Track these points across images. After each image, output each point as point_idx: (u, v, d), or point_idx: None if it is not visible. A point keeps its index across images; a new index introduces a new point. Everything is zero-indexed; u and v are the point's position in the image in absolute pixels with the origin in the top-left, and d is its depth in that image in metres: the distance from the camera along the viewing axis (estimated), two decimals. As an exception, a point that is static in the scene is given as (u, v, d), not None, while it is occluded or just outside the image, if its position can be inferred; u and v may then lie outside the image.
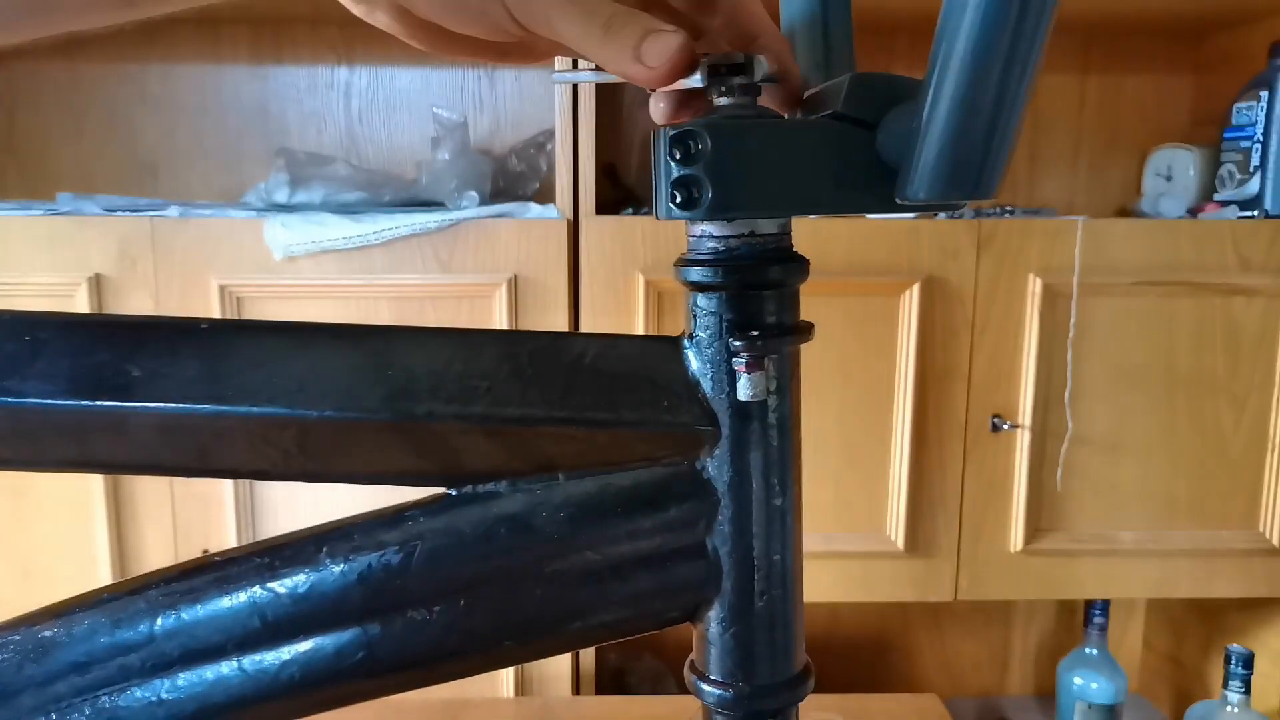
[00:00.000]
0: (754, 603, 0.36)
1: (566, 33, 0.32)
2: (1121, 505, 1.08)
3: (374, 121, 1.28)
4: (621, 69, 0.32)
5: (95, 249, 0.99)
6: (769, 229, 0.35)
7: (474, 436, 0.35)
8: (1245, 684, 0.99)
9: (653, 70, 0.31)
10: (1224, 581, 1.09)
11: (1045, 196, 1.34)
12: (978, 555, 1.08)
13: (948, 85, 0.27)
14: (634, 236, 1.01)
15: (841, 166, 0.32)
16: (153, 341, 0.34)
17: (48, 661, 0.35)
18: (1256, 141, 1.08)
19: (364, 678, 0.35)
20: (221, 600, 0.35)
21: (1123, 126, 1.32)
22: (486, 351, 0.36)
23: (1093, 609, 1.21)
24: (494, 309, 1.01)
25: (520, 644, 0.36)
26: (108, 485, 1.03)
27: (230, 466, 0.35)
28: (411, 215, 0.99)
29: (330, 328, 0.36)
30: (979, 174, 0.28)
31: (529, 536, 0.35)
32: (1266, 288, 1.04)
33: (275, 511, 1.05)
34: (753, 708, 0.37)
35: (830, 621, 1.43)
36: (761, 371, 0.35)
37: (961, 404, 1.05)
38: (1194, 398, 1.06)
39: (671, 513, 0.36)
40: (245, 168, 1.28)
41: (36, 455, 0.35)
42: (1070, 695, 1.20)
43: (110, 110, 1.27)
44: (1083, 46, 1.30)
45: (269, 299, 1.01)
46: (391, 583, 0.35)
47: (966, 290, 1.03)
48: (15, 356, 0.33)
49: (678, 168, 0.31)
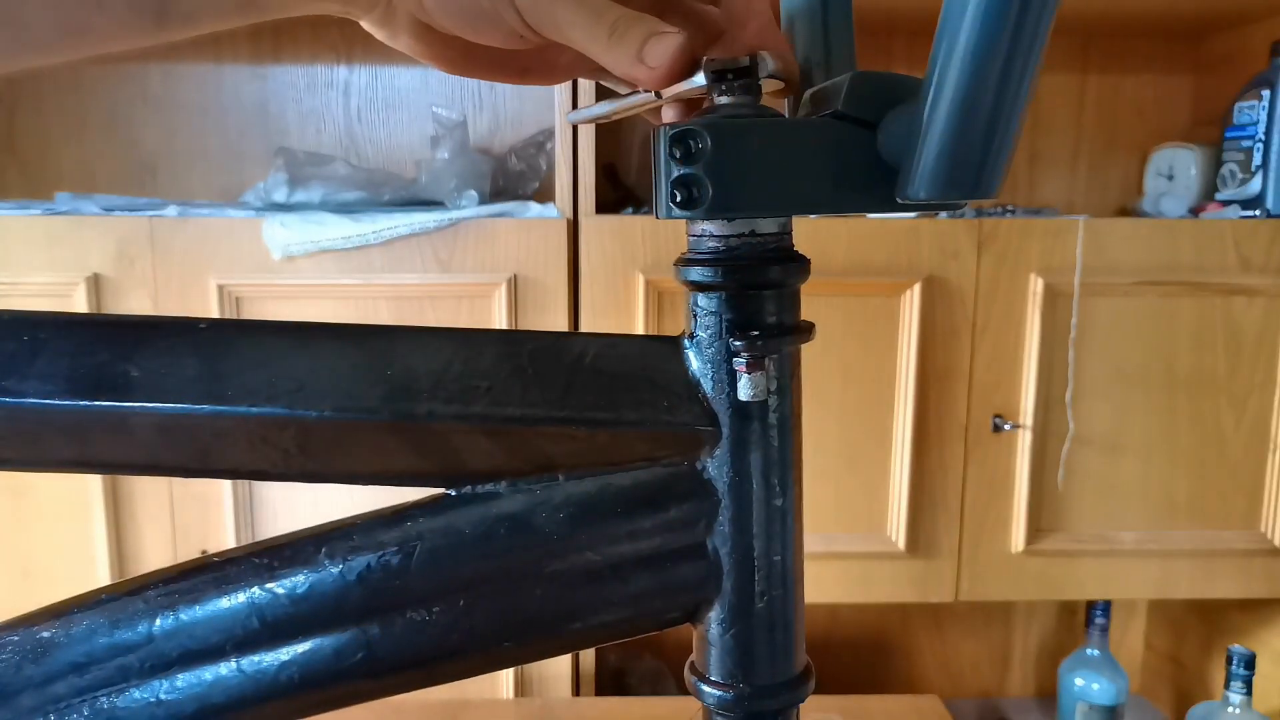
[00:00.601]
0: (754, 603, 0.36)
1: (574, 36, 0.32)
2: (1122, 506, 1.08)
3: (373, 121, 1.28)
4: (625, 71, 0.32)
5: (94, 249, 0.99)
6: (769, 228, 0.35)
7: (474, 436, 0.35)
8: (1247, 685, 0.99)
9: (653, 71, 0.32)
10: (1225, 582, 1.09)
11: (1046, 196, 1.34)
12: (978, 556, 1.08)
13: (948, 85, 0.27)
14: (634, 236, 1.01)
15: (842, 166, 0.32)
16: (152, 341, 0.34)
17: (46, 662, 0.35)
18: (1258, 141, 1.08)
19: (363, 678, 0.35)
20: (220, 601, 0.35)
21: (1123, 126, 1.32)
22: (486, 351, 0.36)
23: (1094, 610, 1.21)
24: (493, 309, 1.01)
25: (520, 644, 0.36)
26: (107, 486, 1.02)
27: (230, 467, 0.35)
28: (411, 215, 0.99)
29: (330, 327, 0.36)
30: (979, 174, 0.28)
31: (529, 537, 0.35)
32: (1267, 288, 1.03)
33: (275, 512, 1.05)
34: (753, 709, 0.37)
35: (830, 622, 1.42)
36: (762, 371, 0.34)
37: (962, 404, 1.05)
38: (1195, 398, 1.06)
39: (672, 513, 0.36)
40: (244, 167, 1.27)
41: (36, 455, 0.35)
42: (1071, 696, 1.20)
43: (110, 110, 1.27)
44: (1083, 46, 1.30)
45: (268, 299, 1.01)
46: (391, 583, 0.35)
47: (967, 290, 1.03)
48: (14, 356, 0.33)
49: (678, 167, 0.31)
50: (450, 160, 1.07)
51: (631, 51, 0.32)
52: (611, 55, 0.32)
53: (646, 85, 0.33)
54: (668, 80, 0.32)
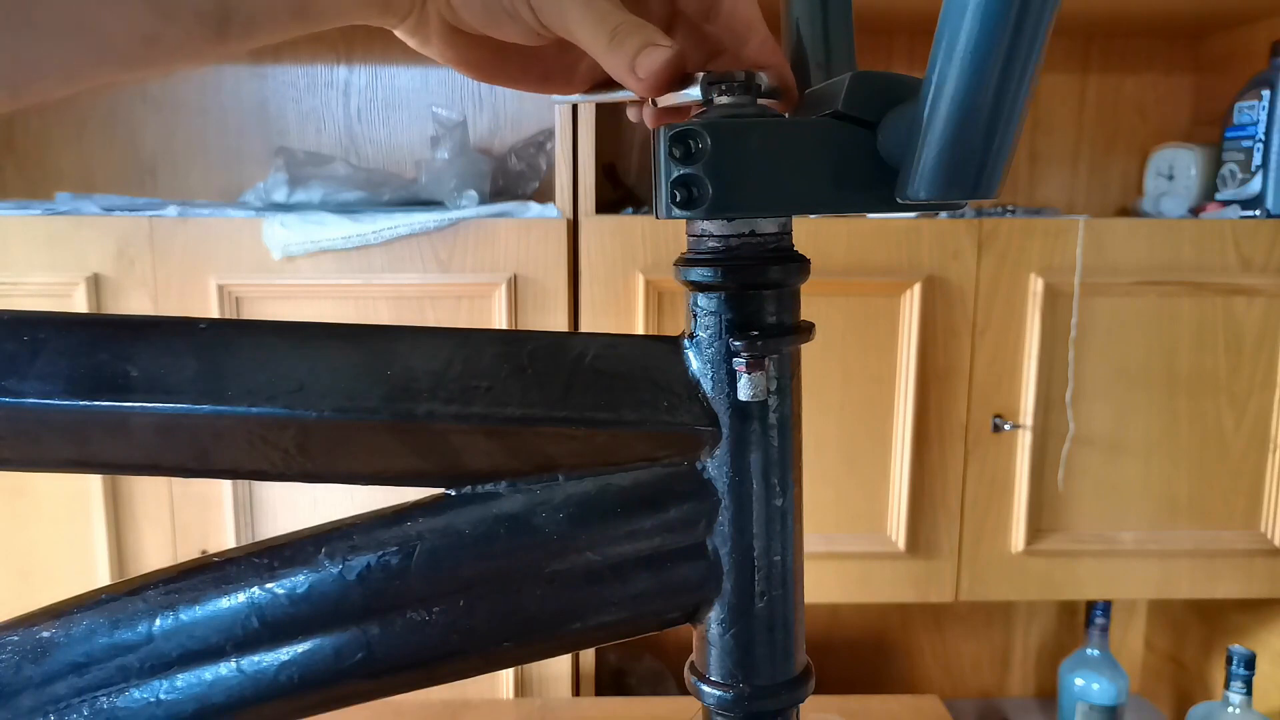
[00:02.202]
0: (754, 603, 0.36)
1: (579, 35, 0.34)
2: (1122, 506, 1.08)
3: (373, 121, 1.28)
4: (621, 76, 0.34)
5: (94, 249, 0.99)
6: (769, 228, 0.35)
7: (474, 436, 0.35)
8: (1247, 685, 0.99)
9: (642, 81, 0.33)
10: (1225, 582, 1.09)
11: (1046, 196, 1.34)
12: (979, 556, 1.08)
13: (948, 85, 0.27)
14: (634, 236, 1.01)
15: (842, 166, 0.32)
16: (152, 341, 0.34)
17: (46, 662, 0.35)
18: (1258, 141, 1.08)
19: (363, 678, 0.35)
20: (220, 601, 0.35)
21: (1123, 126, 1.32)
22: (486, 351, 0.36)
23: (1094, 610, 1.21)
24: (493, 309, 1.01)
25: (520, 644, 0.36)
26: (106, 486, 1.02)
27: (230, 467, 0.35)
28: (411, 215, 0.99)
29: (330, 328, 0.36)
30: (980, 173, 0.28)
31: (529, 537, 0.35)
32: (1268, 287, 1.03)
33: (274, 512, 1.05)
34: (753, 709, 0.37)
35: (830, 622, 1.42)
36: (762, 371, 0.34)
37: (963, 404, 1.05)
38: (1195, 398, 1.06)
39: (671, 513, 0.36)
40: (244, 167, 1.27)
41: (36, 455, 0.35)
42: (1071, 696, 1.20)
43: (110, 110, 1.27)
44: (1083, 46, 1.30)
45: (268, 299, 1.01)
46: (391, 583, 0.35)
47: (968, 290, 1.03)
48: (14, 356, 0.33)
49: (678, 167, 0.31)
50: (450, 160, 1.07)
51: (627, 58, 0.33)
52: (610, 58, 0.33)
53: (638, 91, 0.34)
54: (657, 90, 0.33)
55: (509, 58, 0.39)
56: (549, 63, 0.40)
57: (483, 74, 0.39)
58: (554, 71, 0.40)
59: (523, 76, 0.40)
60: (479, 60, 0.39)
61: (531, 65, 0.40)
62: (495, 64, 0.39)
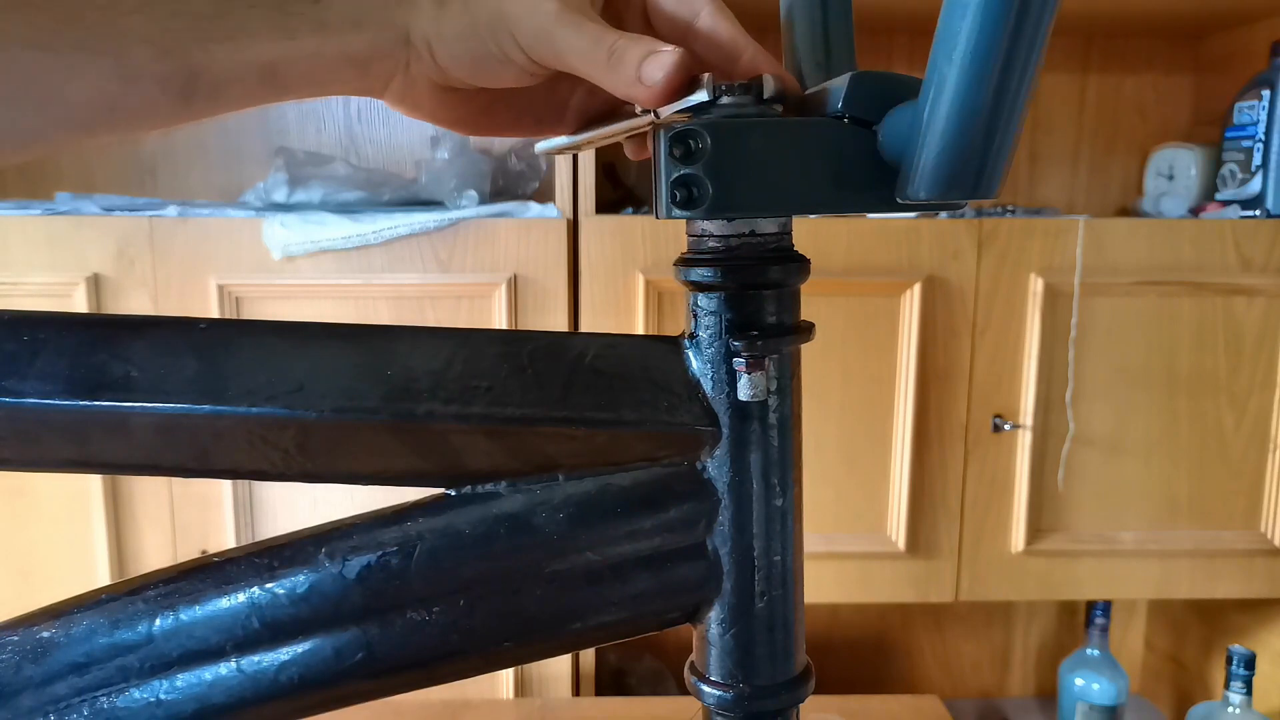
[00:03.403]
0: (754, 603, 0.36)
1: (575, 62, 0.33)
2: (1122, 506, 1.08)
3: (373, 120, 1.28)
4: (625, 91, 0.33)
5: (94, 248, 0.99)
6: (769, 228, 0.35)
7: (474, 436, 0.35)
8: (1247, 685, 0.99)
9: (651, 89, 0.32)
10: (1225, 582, 1.09)
11: (1046, 196, 1.34)
12: (979, 556, 1.08)
13: (948, 85, 0.27)
14: (634, 236, 1.01)
15: (842, 166, 0.32)
16: (152, 341, 0.34)
17: (46, 662, 0.35)
18: (1258, 141, 1.08)
19: (363, 678, 0.35)
20: (220, 601, 0.35)
21: (1123, 126, 1.32)
22: (486, 351, 0.36)
23: (1094, 610, 1.21)
24: (493, 309, 1.01)
25: (520, 644, 0.36)
26: (106, 486, 1.02)
27: (230, 467, 0.35)
28: (411, 215, 0.99)
29: (330, 328, 0.36)
30: (980, 173, 0.28)
31: (529, 537, 0.35)
32: (1268, 288, 1.03)
33: (274, 512, 1.05)
34: (753, 709, 0.37)
35: (830, 622, 1.42)
36: (762, 371, 0.35)
37: (962, 404, 1.05)
38: (1195, 398, 1.06)
39: (671, 513, 0.36)
40: (244, 167, 1.27)
41: (36, 455, 0.35)
42: (1071, 696, 1.20)
43: (110, 110, 1.26)
44: (1083, 46, 1.30)
45: (268, 299, 1.01)
46: (391, 583, 0.35)
47: (968, 290, 1.03)
48: (14, 356, 0.33)
49: (678, 167, 0.31)
50: (450, 160, 1.07)
51: (630, 71, 0.32)
52: (612, 77, 0.33)
53: (646, 103, 0.33)
54: (667, 97, 0.33)
55: (501, 108, 0.39)
56: (539, 105, 0.40)
57: (478, 128, 0.39)
58: (545, 114, 0.40)
59: (516, 124, 0.40)
60: (472, 115, 0.38)
61: (523, 111, 0.40)
62: (489, 116, 0.39)
